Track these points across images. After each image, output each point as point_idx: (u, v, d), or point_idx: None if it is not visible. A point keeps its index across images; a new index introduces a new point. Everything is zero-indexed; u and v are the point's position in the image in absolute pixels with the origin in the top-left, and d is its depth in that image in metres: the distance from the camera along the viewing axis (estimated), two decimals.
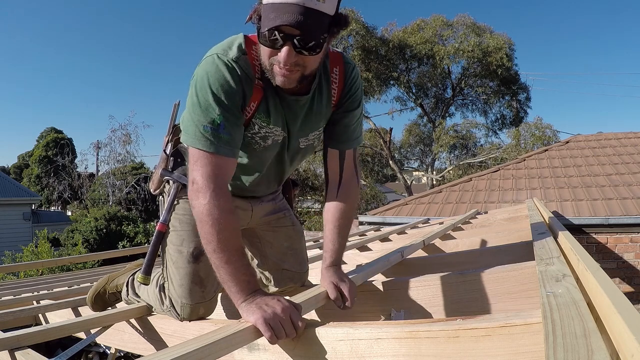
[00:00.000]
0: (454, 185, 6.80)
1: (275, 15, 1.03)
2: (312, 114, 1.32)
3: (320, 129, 1.39)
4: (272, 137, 1.31)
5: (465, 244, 2.49)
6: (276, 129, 1.29)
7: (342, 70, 1.32)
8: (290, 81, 1.14)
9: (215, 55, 1.15)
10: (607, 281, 0.86)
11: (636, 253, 4.84)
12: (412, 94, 19.70)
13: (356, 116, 1.39)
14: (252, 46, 1.20)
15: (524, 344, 0.77)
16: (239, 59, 1.16)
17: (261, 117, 1.25)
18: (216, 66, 1.14)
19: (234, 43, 1.19)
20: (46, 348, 2.29)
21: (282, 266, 1.62)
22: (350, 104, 1.35)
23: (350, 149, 1.41)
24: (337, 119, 1.37)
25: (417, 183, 28.09)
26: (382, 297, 1.42)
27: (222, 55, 1.15)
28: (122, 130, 21.31)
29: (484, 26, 17.82)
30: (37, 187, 26.67)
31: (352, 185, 1.42)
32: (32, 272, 7.62)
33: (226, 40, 1.21)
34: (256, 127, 1.27)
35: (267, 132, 1.29)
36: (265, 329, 0.99)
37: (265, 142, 1.31)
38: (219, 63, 1.14)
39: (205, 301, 1.41)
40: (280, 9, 1.03)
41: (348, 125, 1.38)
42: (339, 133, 1.38)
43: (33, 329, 1.47)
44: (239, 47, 1.18)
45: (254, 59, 1.19)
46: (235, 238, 1.12)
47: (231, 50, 1.17)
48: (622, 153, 6.86)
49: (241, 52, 1.17)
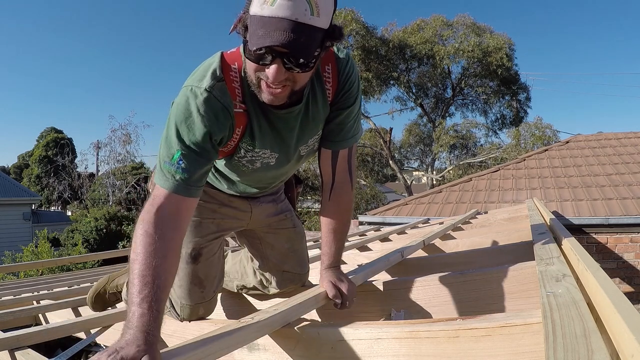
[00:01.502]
0: (454, 185, 6.80)
1: (264, 32, 0.93)
2: (309, 120, 1.23)
3: (320, 132, 1.30)
4: (260, 161, 1.25)
5: (465, 244, 2.48)
6: (263, 152, 1.23)
7: (335, 67, 1.21)
8: (279, 99, 1.06)
9: (188, 88, 1.08)
10: (607, 281, 0.86)
11: (636, 253, 4.84)
12: (412, 94, 19.69)
13: (352, 113, 1.28)
14: (231, 67, 1.11)
15: (524, 344, 0.77)
16: (213, 88, 1.07)
17: (247, 141, 1.19)
18: (185, 99, 1.06)
19: (209, 70, 1.09)
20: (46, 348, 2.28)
21: (283, 268, 1.61)
22: (345, 101, 1.25)
23: (345, 149, 1.32)
24: (330, 117, 1.27)
25: (417, 183, 28.08)
26: (382, 297, 1.42)
27: (195, 86, 1.07)
28: (122, 130, 21.35)
29: (484, 26, 17.82)
30: (37, 187, 26.68)
31: (345, 188, 1.35)
32: (32, 272, 7.62)
33: (201, 66, 1.12)
34: (242, 152, 1.21)
35: (253, 156, 1.23)
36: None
37: (253, 165, 1.26)
38: (190, 96, 1.06)
39: (205, 301, 1.41)
40: (269, 25, 0.92)
41: (342, 123, 1.28)
42: (331, 132, 1.29)
43: (33, 329, 1.47)
44: (212, 75, 1.08)
45: (232, 81, 1.11)
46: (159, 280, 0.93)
47: (205, 79, 1.08)
48: (622, 153, 6.86)
49: (216, 79, 1.08)
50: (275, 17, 0.92)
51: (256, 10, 0.94)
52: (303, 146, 1.29)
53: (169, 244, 0.99)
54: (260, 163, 1.26)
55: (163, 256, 0.96)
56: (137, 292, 0.90)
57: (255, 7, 0.95)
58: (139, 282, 0.92)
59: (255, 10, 0.95)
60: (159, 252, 0.96)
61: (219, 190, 1.44)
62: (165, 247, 0.98)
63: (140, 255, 0.95)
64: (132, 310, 0.89)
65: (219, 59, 1.11)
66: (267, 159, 1.25)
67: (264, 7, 0.93)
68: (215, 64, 1.10)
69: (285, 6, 0.92)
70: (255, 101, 1.12)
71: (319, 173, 1.37)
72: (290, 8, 0.92)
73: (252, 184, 1.39)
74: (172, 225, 1.02)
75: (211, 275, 1.42)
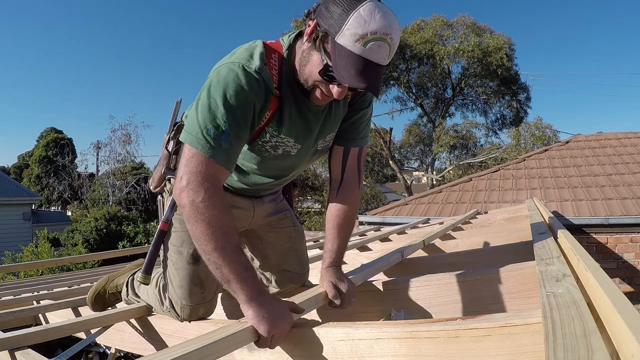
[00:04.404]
0: (454, 185, 6.80)
1: (355, 72, 1.02)
2: (332, 116, 1.32)
3: (336, 129, 1.39)
4: (282, 147, 1.29)
5: (465, 244, 2.48)
6: (288, 139, 1.27)
7: None
8: (324, 102, 1.20)
9: (238, 64, 1.10)
10: (607, 281, 0.86)
11: (636, 253, 4.84)
12: (412, 94, 19.71)
13: (366, 115, 1.39)
14: (272, 55, 1.17)
15: (524, 344, 0.77)
16: (262, 70, 1.12)
17: (274, 125, 1.23)
18: (236, 74, 1.09)
19: (255, 52, 1.14)
20: (46, 348, 2.28)
21: (283, 267, 1.61)
22: (362, 103, 1.37)
23: (356, 148, 1.40)
24: (347, 116, 1.38)
25: (417, 183, 28.08)
26: (382, 297, 1.42)
27: (246, 64, 1.11)
28: (122, 130, 21.35)
29: (484, 26, 17.84)
30: (37, 187, 26.70)
31: (352, 186, 1.40)
32: (32, 272, 7.63)
33: (246, 48, 1.16)
34: (267, 136, 1.25)
35: (277, 142, 1.27)
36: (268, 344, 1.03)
37: (276, 152, 1.29)
38: (240, 72, 1.10)
39: (205, 302, 1.41)
40: (359, 64, 1.02)
41: (356, 123, 1.38)
42: (346, 130, 1.38)
43: (33, 329, 1.47)
44: (260, 57, 1.13)
45: (272, 68, 1.17)
46: (233, 234, 1.08)
47: (253, 60, 1.12)
48: (622, 153, 6.86)
49: (263, 62, 1.13)
50: (366, 59, 1.02)
51: (347, 44, 1.02)
52: (321, 141, 1.37)
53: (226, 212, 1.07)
54: (282, 150, 1.30)
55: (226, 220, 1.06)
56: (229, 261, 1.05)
57: (346, 40, 1.02)
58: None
59: (345, 43, 1.02)
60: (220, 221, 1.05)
61: (225, 187, 1.44)
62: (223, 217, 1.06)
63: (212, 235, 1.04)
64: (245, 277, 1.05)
65: (262, 45, 1.17)
66: (290, 147, 1.30)
67: (356, 45, 1.01)
68: (259, 48, 1.16)
69: (376, 51, 1.02)
70: (289, 90, 1.20)
71: (329, 171, 1.43)
72: (379, 53, 1.02)
73: (267, 174, 1.40)
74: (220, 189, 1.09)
75: (212, 276, 1.40)
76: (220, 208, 1.06)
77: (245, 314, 1.05)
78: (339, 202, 1.39)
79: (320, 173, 17.61)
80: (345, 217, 1.39)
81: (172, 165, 1.45)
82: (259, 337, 1.01)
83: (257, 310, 1.03)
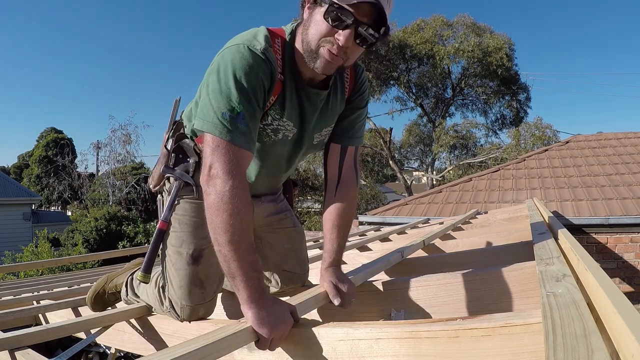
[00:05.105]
0: (454, 185, 6.80)
1: None
2: (328, 109, 1.34)
3: (332, 125, 1.40)
4: (282, 132, 1.30)
5: (465, 244, 2.48)
6: (288, 123, 1.29)
7: (353, 70, 1.39)
8: (331, 68, 1.16)
9: (243, 45, 1.11)
10: (607, 281, 0.86)
11: (636, 253, 4.84)
12: (412, 94, 19.70)
13: (362, 115, 1.42)
14: (275, 39, 1.19)
15: (524, 344, 0.77)
16: (267, 51, 1.13)
17: (276, 109, 1.24)
18: (242, 55, 1.10)
19: (259, 34, 1.15)
20: (46, 348, 2.28)
21: (283, 267, 1.61)
22: (359, 102, 1.40)
23: (352, 147, 1.42)
24: (344, 115, 1.40)
25: (417, 183, 28.08)
26: (382, 297, 1.42)
27: (251, 45, 1.11)
28: (122, 130, 21.34)
29: (484, 26, 17.83)
30: (37, 187, 26.70)
31: (350, 185, 1.41)
32: (32, 272, 7.63)
33: (250, 32, 1.17)
34: (269, 119, 1.25)
35: (279, 125, 1.28)
36: (268, 345, 1.02)
37: (276, 136, 1.30)
38: (247, 53, 1.10)
39: (205, 302, 1.41)
40: None
41: (353, 122, 1.41)
42: (344, 128, 1.40)
43: (33, 329, 1.47)
44: (265, 39, 1.14)
45: (276, 52, 1.18)
46: (250, 232, 1.08)
47: (258, 41, 1.13)
48: (622, 153, 6.87)
49: (268, 43, 1.14)
50: None
51: None
52: (317, 134, 1.38)
53: (248, 207, 1.07)
54: (282, 134, 1.30)
55: (247, 215, 1.06)
56: (240, 256, 1.04)
57: None
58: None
59: None
60: (242, 215, 1.05)
61: None
62: (245, 211, 1.06)
63: (232, 226, 1.03)
64: (250, 276, 1.05)
65: (266, 29, 1.18)
66: (289, 132, 1.31)
67: None
68: (263, 31, 1.17)
69: None
70: (291, 75, 1.23)
71: (324, 171, 1.43)
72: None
73: (263, 164, 1.40)
74: (245, 181, 1.09)
75: (212, 276, 1.42)
76: (245, 203, 1.06)
77: (245, 315, 1.05)
78: (338, 202, 1.38)
79: (320, 173, 17.61)
80: (345, 217, 1.39)
81: (171, 164, 1.44)
82: (259, 337, 1.02)
83: (257, 312, 1.03)
